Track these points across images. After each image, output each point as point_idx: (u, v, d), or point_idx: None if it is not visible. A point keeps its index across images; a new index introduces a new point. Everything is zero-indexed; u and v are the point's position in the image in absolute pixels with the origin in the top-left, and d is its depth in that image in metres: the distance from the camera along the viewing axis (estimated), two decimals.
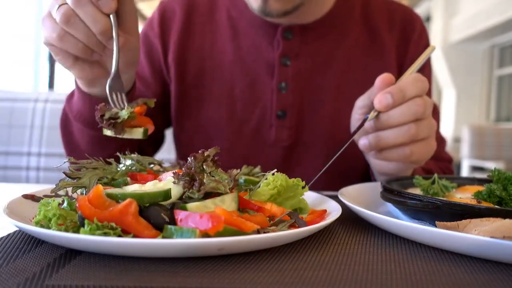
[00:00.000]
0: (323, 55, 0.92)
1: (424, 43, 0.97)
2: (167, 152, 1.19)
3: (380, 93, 0.62)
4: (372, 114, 0.63)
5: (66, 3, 0.57)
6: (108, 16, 0.58)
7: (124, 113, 0.56)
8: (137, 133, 0.58)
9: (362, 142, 0.66)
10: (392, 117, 0.62)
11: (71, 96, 0.79)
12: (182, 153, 0.99)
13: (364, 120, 0.64)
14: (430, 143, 0.66)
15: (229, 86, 0.92)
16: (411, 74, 0.66)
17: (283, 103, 0.90)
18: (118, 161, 0.58)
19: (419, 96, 0.62)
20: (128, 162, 0.57)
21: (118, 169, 0.55)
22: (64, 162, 0.52)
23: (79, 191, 0.49)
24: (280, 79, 0.90)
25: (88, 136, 0.78)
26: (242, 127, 0.92)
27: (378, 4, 0.98)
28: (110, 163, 0.55)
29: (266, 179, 0.51)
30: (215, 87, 0.93)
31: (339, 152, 0.63)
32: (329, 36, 0.93)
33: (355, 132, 0.65)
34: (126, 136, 0.58)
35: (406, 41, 0.95)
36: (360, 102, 0.71)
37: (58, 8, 0.58)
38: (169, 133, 1.04)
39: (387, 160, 0.67)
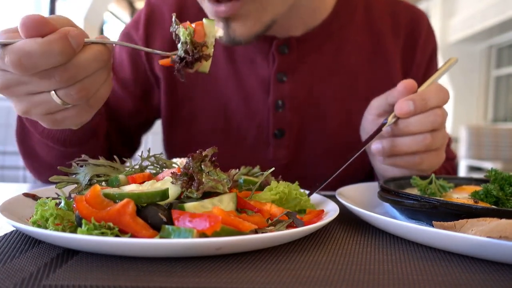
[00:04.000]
0: (324, 67, 0.87)
1: (431, 47, 0.93)
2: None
3: (402, 99, 0.62)
4: (391, 120, 0.63)
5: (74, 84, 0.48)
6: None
7: (183, 32, 0.50)
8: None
9: (375, 146, 0.65)
10: (411, 125, 0.61)
11: None
12: None
13: (383, 125, 0.63)
14: (441, 154, 0.66)
15: (224, 100, 0.87)
16: (431, 83, 0.65)
17: (280, 122, 0.85)
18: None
19: (439, 107, 0.62)
20: (146, 163, 0.55)
21: (127, 169, 0.54)
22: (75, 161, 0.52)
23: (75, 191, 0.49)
24: (276, 96, 0.85)
25: (57, 152, 0.71)
26: (238, 143, 0.87)
27: (381, 6, 0.92)
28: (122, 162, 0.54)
29: (269, 183, 0.52)
30: (208, 100, 0.88)
31: (352, 158, 0.61)
32: (329, 45, 0.87)
33: (372, 137, 0.64)
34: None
35: (412, 48, 0.91)
36: (376, 103, 0.70)
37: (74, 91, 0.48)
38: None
39: (395, 166, 0.66)
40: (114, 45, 0.50)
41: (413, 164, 0.64)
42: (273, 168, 0.55)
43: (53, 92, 0.48)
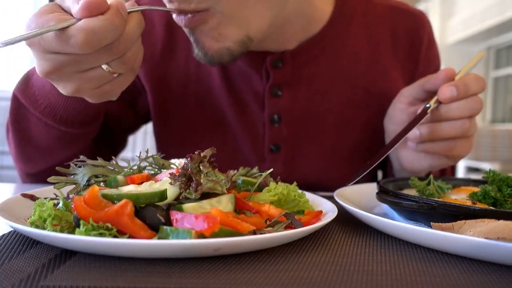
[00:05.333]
0: (321, 78, 0.83)
1: (434, 52, 0.91)
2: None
3: (445, 85, 0.63)
4: (433, 105, 0.64)
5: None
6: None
7: None
8: None
9: (413, 132, 0.65)
10: (452, 110, 0.63)
11: (26, 84, 0.69)
12: None
13: (426, 109, 0.64)
14: (471, 142, 0.67)
15: (219, 112, 0.84)
16: (464, 75, 0.66)
17: (277, 137, 0.82)
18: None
19: (478, 94, 0.64)
20: (144, 163, 0.55)
21: (126, 169, 0.53)
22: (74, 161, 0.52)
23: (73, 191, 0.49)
24: (271, 111, 0.82)
25: (56, 132, 0.69)
26: (234, 157, 0.84)
27: (380, 11, 0.88)
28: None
29: (267, 184, 0.52)
30: (203, 112, 0.85)
31: (397, 144, 0.62)
32: (326, 55, 0.83)
33: (418, 121, 0.63)
34: None
35: (414, 58, 0.88)
36: (407, 91, 0.71)
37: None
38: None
39: (428, 152, 0.67)
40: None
41: (447, 149, 0.65)
42: (271, 169, 0.55)
43: (105, 64, 0.51)
